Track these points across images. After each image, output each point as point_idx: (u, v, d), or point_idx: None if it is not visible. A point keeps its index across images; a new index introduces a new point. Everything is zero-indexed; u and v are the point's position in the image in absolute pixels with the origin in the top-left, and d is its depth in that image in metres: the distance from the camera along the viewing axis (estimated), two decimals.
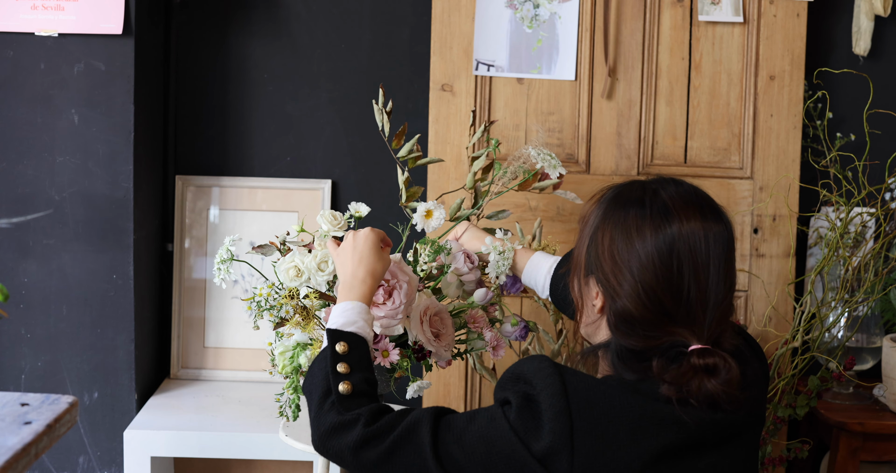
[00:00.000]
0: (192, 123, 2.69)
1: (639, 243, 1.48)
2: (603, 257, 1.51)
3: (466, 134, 2.55)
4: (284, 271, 1.87)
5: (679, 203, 1.51)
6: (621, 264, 1.49)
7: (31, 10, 2.34)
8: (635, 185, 1.56)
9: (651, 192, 1.52)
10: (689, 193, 1.54)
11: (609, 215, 1.53)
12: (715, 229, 1.50)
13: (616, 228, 1.51)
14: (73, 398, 1.31)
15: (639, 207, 1.51)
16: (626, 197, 1.53)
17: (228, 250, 1.99)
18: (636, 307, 1.47)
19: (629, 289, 1.48)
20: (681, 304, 1.47)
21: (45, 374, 2.43)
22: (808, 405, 2.44)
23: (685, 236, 1.47)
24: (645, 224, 1.49)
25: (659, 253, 1.47)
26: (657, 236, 1.47)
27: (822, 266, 2.47)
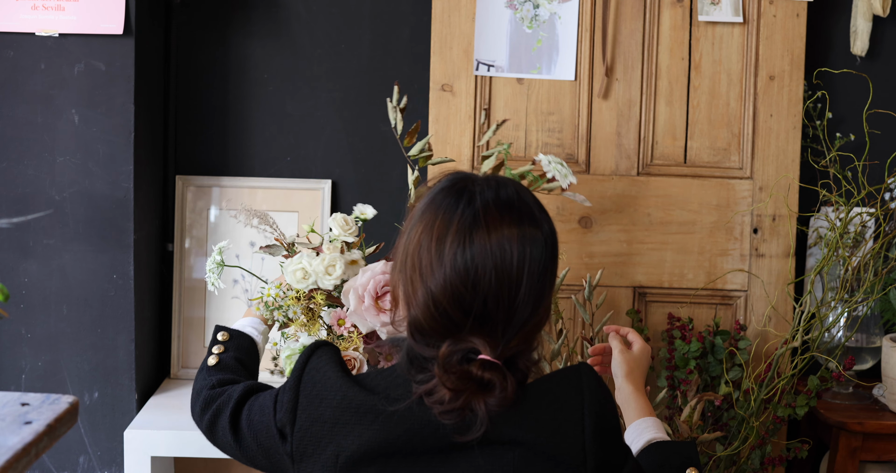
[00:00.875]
0: (192, 123, 2.69)
1: (437, 255, 1.39)
2: (408, 259, 1.43)
3: (467, 134, 2.55)
4: (291, 273, 1.87)
5: (493, 209, 1.40)
6: (419, 271, 1.40)
7: (31, 10, 2.35)
8: (462, 182, 1.45)
9: (469, 195, 1.42)
10: (510, 199, 1.43)
11: (427, 211, 1.43)
12: (532, 239, 1.40)
13: (424, 231, 1.41)
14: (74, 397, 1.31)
15: (453, 210, 1.41)
16: (449, 195, 1.43)
17: (217, 258, 2.00)
18: (426, 318, 1.40)
19: (421, 299, 1.40)
20: (476, 320, 1.39)
21: (45, 374, 2.43)
22: (808, 405, 2.44)
23: (492, 249, 1.38)
24: (450, 232, 1.39)
25: (455, 268, 1.38)
26: (458, 249, 1.38)
27: (821, 266, 2.47)
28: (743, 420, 2.41)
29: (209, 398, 1.65)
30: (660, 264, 2.56)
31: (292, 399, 1.47)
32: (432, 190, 1.46)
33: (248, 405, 1.57)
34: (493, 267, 1.38)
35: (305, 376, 1.48)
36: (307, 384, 1.47)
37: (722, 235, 2.56)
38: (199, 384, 1.71)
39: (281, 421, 1.48)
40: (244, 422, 1.56)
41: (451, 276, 1.38)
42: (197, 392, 1.69)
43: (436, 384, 1.39)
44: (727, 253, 2.56)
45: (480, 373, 1.37)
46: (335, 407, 1.43)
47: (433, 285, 1.39)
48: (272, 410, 1.50)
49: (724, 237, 2.56)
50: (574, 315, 2.55)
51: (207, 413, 1.63)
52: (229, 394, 1.62)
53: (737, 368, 2.45)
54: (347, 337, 1.84)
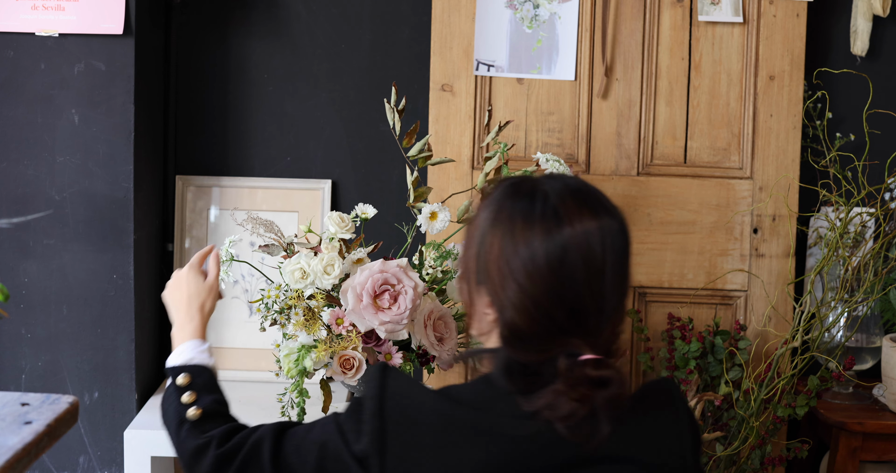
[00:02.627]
0: (192, 123, 2.69)
1: (526, 253, 1.36)
2: (491, 266, 1.39)
3: (467, 134, 2.55)
4: (290, 273, 1.87)
5: (570, 203, 1.39)
6: (509, 275, 1.37)
7: (31, 10, 2.35)
8: (525, 184, 1.44)
9: (541, 193, 1.40)
10: (581, 189, 1.42)
11: (497, 219, 1.41)
12: (610, 228, 1.39)
13: (504, 235, 1.39)
14: (74, 397, 1.31)
15: (527, 211, 1.39)
16: (515, 199, 1.41)
17: (228, 252, 1.99)
18: (525, 321, 1.37)
19: (518, 302, 1.37)
20: (573, 316, 1.37)
21: (45, 374, 2.43)
22: (808, 405, 2.44)
23: (578, 240, 1.36)
24: (534, 231, 1.37)
25: (549, 263, 1.36)
26: (546, 243, 1.36)
27: (821, 266, 2.47)
28: (743, 420, 2.41)
29: (221, 457, 1.53)
30: (660, 264, 2.56)
31: (378, 428, 1.38)
32: (494, 199, 1.44)
33: (293, 446, 1.48)
34: (581, 259, 1.36)
35: (389, 401, 1.40)
36: (393, 409, 1.39)
37: (722, 235, 2.56)
38: (188, 444, 1.57)
39: (363, 451, 1.39)
40: (296, 464, 1.46)
41: (545, 274, 1.36)
42: (194, 454, 1.55)
43: (555, 397, 1.35)
44: (727, 253, 2.56)
45: (596, 373, 1.35)
46: (437, 431, 1.37)
47: (529, 286, 1.36)
48: (340, 441, 1.41)
49: (724, 237, 2.56)
50: None
51: (230, 470, 1.51)
52: (254, 444, 1.51)
53: (737, 368, 2.45)
54: (346, 336, 1.84)
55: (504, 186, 1.45)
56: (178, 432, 1.59)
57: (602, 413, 1.35)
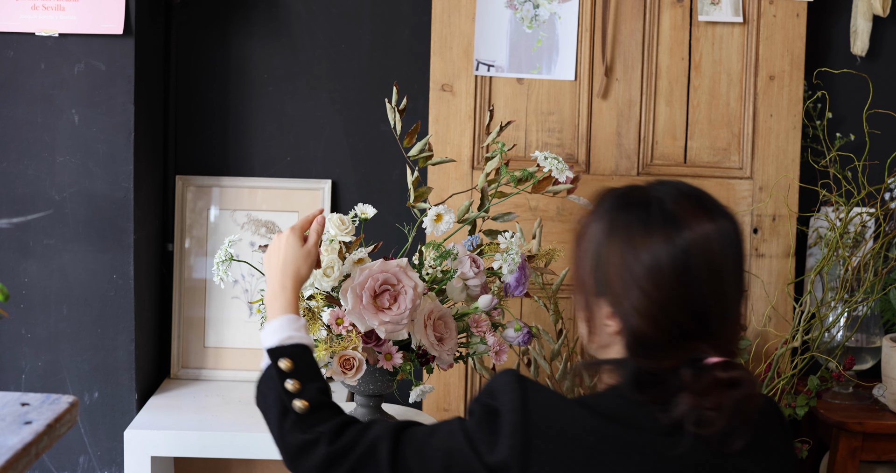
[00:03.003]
0: (192, 123, 2.69)
1: (649, 259, 1.37)
2: (612, 276, 1.40)
3: (467, 134, 2.55)
4: None
5: (685, 206, 1.40)
6: (632, 283, 1.38)
7: (31, 10, 2.35)
8: (635, 192, 1.45)
9: (655, 200, 1.41)
10: (693, 193, 1.43)
11: (614, 229, 1.41)
12: (727, 229, 1.41)
13: (624, 244, 1.39)
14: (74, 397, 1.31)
15: (644, 217, 1.40)
16: (629, 207, 1.42)
17: (227, 252, 1.98)
18: (652, 328, 1.38)
19: (643, 309, 1.37)
20: (698, 319, 1.38)
21: (45, 374, 2.43)
22: (808, 405, 2.44)
23: (698, 242, 1.37)
24: (654, 237, 1.38)
25: (673, 268, 1.36)
26: (669, 248, 1.37)
27: (821, 266, 2.47)
28: None
29: (333, 455, 1.47)
30: None
31: (522, 443, 1.34)
32: (603, 213, 1.44)
33: (414, 450, 1.43)
34: (703, 261, 1.37)
35: (534, 415, 1.36)
36: (540, 423, 1.35)
37: None
38: (294, 439, 1.51)
39: (500, 463, 1.35)
40: (417, 469, 1.42)
41: (671, 279, 1.37)
42: (300, 450, 1.50)
43: (691, 406, 1.35)
44: None
45: (726, 375, 1.36)
46: (589, 447, 1.34)
47: (654, 292, 1.37)
48: (469, 451, 1.38)
49: None
50: (574, 315, 2.55)
51: (339, 470, 1.46)
52: (371, 444, 1.46)
53: None
54: (346, 336, 1.84)
55: (612, 197, 1.45)
56: (280, 423, 1.53)
57: (738, 417, 1.35)
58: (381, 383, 1.97)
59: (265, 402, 1.57)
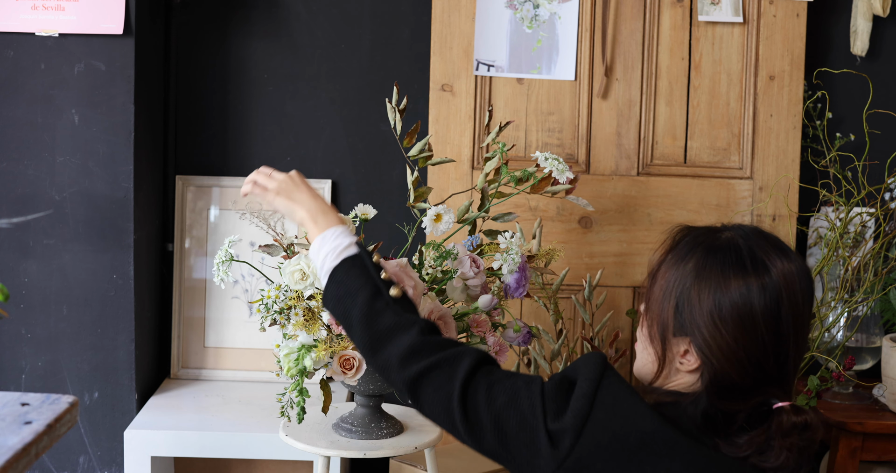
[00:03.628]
0: (192, 123, 2.69)
1: (744, 308, 1.41)
2: (700, 319, 1.43)
3: (467, 134, 2.55)
4: (290, 274, 1.87)
5: (769, 250, 1.44)
6: (723, 329, 1.41)
7: (31, 10, 2.35)
8: (718, 238, 1.48)
9: (745, 246, 1.45)
10: (766, 235, 1.47)
11: (704, 272, 1.44)
12: (802, 268, 1.44)
13: (716, 290, 1.42)
14: (74, 397, 1.31)
15: (736, 264, 1.43)
16: (717, 252, 1.45)
17: (228, 252, 1.98)
18: (738, 373, 1.42)
19: (731, 355, 1.41)
20: (780, 365, 1.43)
21: (45, 374, 2.43)
22: (808, 405, 2.44)
23: (786, 288, 1.41)
24: (747, 282, 1.41)
25: (763, 315, 1.41)
26: (760, 295, 1.41)
27: (821, 266, 2.47)
28: None
29: (419, 345, 1.47)
30: None
31: (584, 408, 1.39)
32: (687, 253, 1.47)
33: (487, 381, 1.45)
34: (790, 308, 1.42)
35: (604, 388, 1.41)
36: (607, 397, 1.40)
37: None
38: (386, 320, 1.50)
39: (561, 426, 1.39)
40: (481, 399, 1.43)
41: (761, 327, 1.41)
42: (387, 331, 1.49)
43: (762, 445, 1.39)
44: None
45: (799, 419, 1.40)
46: (645, 433, 1.38)
47: (744, 339, 1.41)
48: (539, 405, 1.41)
49: None
50: (574, 315, 2.55)
51: (418, 364, 1.46)
52: (456, 355, 1.46)
53: None
54: (346, 336, 1.84)
55: (692, 240, 1.49)
56: (371, 301, 1.51)
57: (805, 456, 1.40)
58: (382, 383, 1.97)
59: (346, 285, 1.53)
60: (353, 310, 1.53)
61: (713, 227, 1.51)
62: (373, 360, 1.51)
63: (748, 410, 1.42)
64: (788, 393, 1.44)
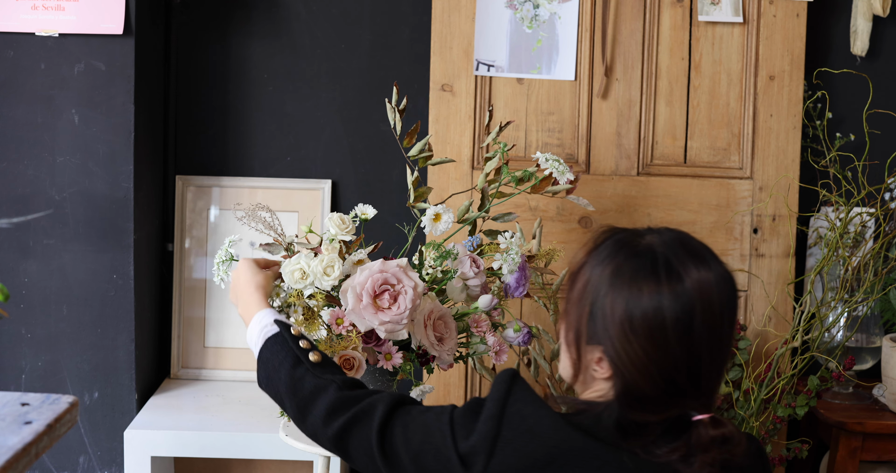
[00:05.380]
0: (192, 123, 2.69)
1: (655, 319, 1.36)
2: (612, 328, 1.39)
3: (467, 134, 2.55)
4: (290, 273, 1.87)
5: (685, 259, 1.39)
6: (634, 340, 1.37)
7: (31, 10, 2.35)
8: (638, 243, 1.43)
9: (661, 254, 1.40)
10: (685, 241, 1.43)
11: (616, 281, 1.40)
12: (723, 276, 1.40)
13: (629, 299, 1.38)
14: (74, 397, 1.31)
15: (651, 273, 1.39)
16: (634, 259, 1.41)
17: (228, 252, 1.98)
18: (649, 386, 1.38)
19: (641, 366, 1.38)
20: (693, 378, 1.38)
21: (45, 374, 2.43)
22: (808, 405, 2.44)
23: (703, 297, 1.37)
24: (661, 296, 1.37)
25: (677, 331, 1.36)
26: (675, 306, 1.36)
27: (821, 266, 2.47)
28: (743, 420, 2.41)
29: (338, 402, 1.54)
30: None
31: (492, 430, 1.40)
32: (607, 257, 1.43)
33: (402, 422, 1.48)
34: (705, 322, 1.37)
35: (511, 407, 1.41)
36: (513, 416, 1.40)
37: (722, 235, 2.56)
38: (307, 385, 1.58)
39: (470, 449, 1.40)
40: (398, 441, 1.47)
41: (672, 341, 1.37)
42: (310, 395, 1.57)
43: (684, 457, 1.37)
44: (727, 253, 2.56)
45: (717, 432, 1.38)
46: (552, 447, 1.37)
47: (654, 352, 1.37)
48: (448, 435, 1.42)
49: (724, 237, 2.56)
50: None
51: (338, 421, 1.52)
52: (370, 404, 1.51)
53: (737, 368, 2.45)
54: (346, 336, 1.84)
55: (613, 243, 1.45)
56: (292, 371, 1.61)
57: (726, 470, 1.38)
58: (381, 383, 1.97)
59: (275, 359, 1.64)
60: (280, 385, 1.63)
61: (637, 230, 1.46)
62: (303, 427, 1.59)
63: (664, 422, 1.40)
64: (708, 406, 1.40)
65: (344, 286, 1.82)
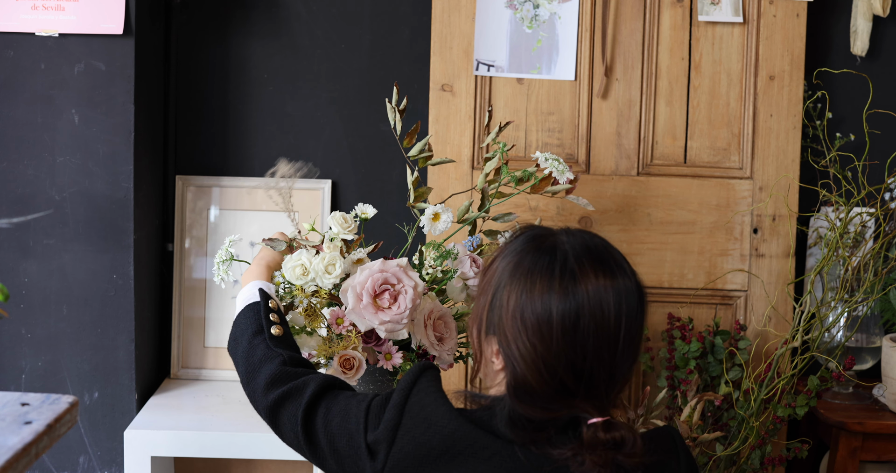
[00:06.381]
0: (192, 123, 2.69)
1: (541, 312, 1.39)
2: (506, 321, 1.42)
3: (467, 134, 2.55)
4: (291, 269, 1.87)
5: (587, 263, 1.41)
6: (523, 331, 1.39)
7: (31, 10, 2.35)
8: (547, 241, 1.46)
9: (562, 252, 1.42)
10: (598, 249, 1.44)
11: (516, 273, 1.43)
12: (626, 289, 1.42)
13: (522, 291, 1.41)
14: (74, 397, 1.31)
15: (548, 270, 1.41)
16: (536, 255, 1.43)
17: (228, 251, 1.99)
18: (536, 381, 1.40)
19: (530, 361, 1.39)
20: (581, 380, 1.40)
21: (45, 374, 2.43)
22: (808, 405, 2.44)
23: (592, 304, 1.38)
24: (551, 291, 1.39)
25: (562, 325, 1.38)
26: (561, 305, 1.38)
27: (821, 266, 2.47)
28: (743, 420, 2.41)
29: (278, 375, 1.60)
30: (660, 264, 2.56)
31: (394, 418, 1.44)
32: (513, 251, 1.46)
33: (326, 404, 1.54)
34: (594, 325, 1.39)
35: (413, 397, 1.45)
36: (414, 405, 1.45)
37: (722, 235, 2.56)
38: (258, 353, 1.65)
39: (375, 438, 1.45)
40: (319, 422, 1.53)
41: (558, 338, 1.38)
42: (258, 362, 1.64)
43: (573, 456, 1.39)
44: (727, 253, 2.56)
45: (609, 435, 1.39)
46: (446, 436, 1.41)
47: (541, 346, 1.39)
48: (362, 422, 1.48)
49: (724, 237, 2.56)
50: None
51: (274, 393, 1.58)
52: (305, 382, 1.57)
53: (737, 368, 2.45)
54: (346, 336, 1.84)
55: (524, 239, 1.47)
56: (251, 339, 1.69)
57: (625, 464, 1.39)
58: (381, 383, 1.97)
59: (241, 324, 1.74)
60: (238, 349, 1.70)
61: (551, 230, 1.48)
62: (246, 390, 1.66)
63: (557, 421, 1.41)
64: (603, 410, 1.41)
65: (344, 286, 1.82)
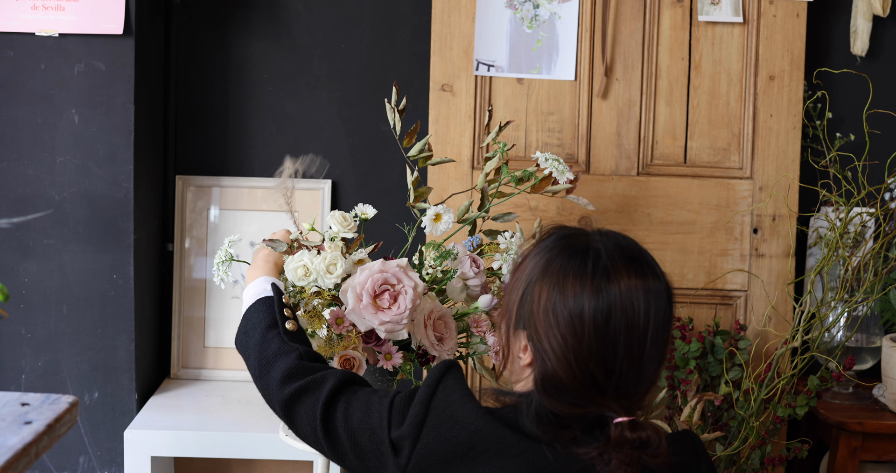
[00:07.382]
0: (192, 123, 2.69)
1: (575, 308, 1.41)
2: (537, 315, 1.44)
3: (467, 134, 2.55)
4: (292, 270, 1.87)
5: (620, 263, 1.43)
6: (555, 327, 1.42)
7: (31, 10, 2.35)
8: (579, 238, 1.48)
9: (594, 251, 1.45)
10: (632, 251, 1.47)
11: (549, 269, 1.45)
12: (655, 291, 1.44)
13: (555, 287, 1.43)
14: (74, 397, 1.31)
15: (579, 266, 1.43)
16: (568, 254, 1.45)
17: (227, 252, 1.99)
18: (566, 375, 1.41)
19: (561, 355, 1.41)
20: (611, 377, 1.41)
21: (45, 374, 2.43)
22: (808, 405, 2.44)
23: (623, 301, 1.41)
24: (584, 287, 1.41)
25: (594, 321, 1.40)
26: (593, 301, 1.40)
27: (821, 266, 2.47)
28: (743, 420, 2.41)
29: (295, 369, 1.59)
30: (660, 264, 2.56)
31: (420, 415, 1.45)
32: (546, 248, 1.48)
33: (346, 399, 1.53)
34: (625, 323, 1.41)
35: (439, 393, 1.46)
36: (440, 402, 1.45)
37: (722, 235, 2.56)
38: (273, 347, 1.65)
39: (399, 434, 1.45)
40: (339, 416, 1.52)
41: (590, 332, 1.40)
42: (272, 356, 1.64)
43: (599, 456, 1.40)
44: (727, 253, 2.56)
45: (635, 435, 1.40)
46: (473, 433, 1.42)
47: (573, 341, 1.40)
48: (385, 417, 1.48)
49: (724, 237, 2.56)
50: None
51: (290, 387, 1.58)
52: (323, 377, 1.57)
53: (737, 368, 2.45)
54: (346, 336, 1.84)
55: (556, 237, 1.49)
56: (265, 333, 1.68)
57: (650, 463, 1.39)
58: (381, 383, 1.97)
59: (253, 319, 1.72)
60: (250, 341, 1.70)
61: (584, 230, 1.51)
62: (259, 384, 1.65)
63: (583, 420, 1.42)
64: (629, 410, 1.43)
65: (344, 286, 1.82)
